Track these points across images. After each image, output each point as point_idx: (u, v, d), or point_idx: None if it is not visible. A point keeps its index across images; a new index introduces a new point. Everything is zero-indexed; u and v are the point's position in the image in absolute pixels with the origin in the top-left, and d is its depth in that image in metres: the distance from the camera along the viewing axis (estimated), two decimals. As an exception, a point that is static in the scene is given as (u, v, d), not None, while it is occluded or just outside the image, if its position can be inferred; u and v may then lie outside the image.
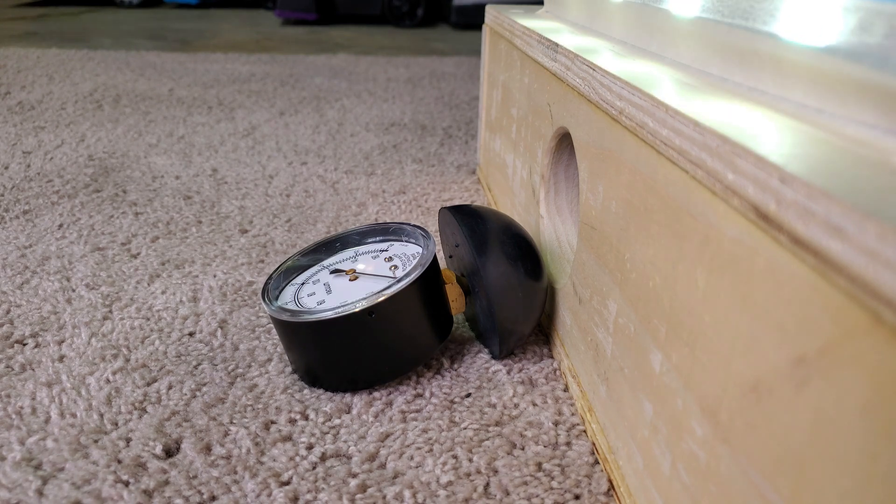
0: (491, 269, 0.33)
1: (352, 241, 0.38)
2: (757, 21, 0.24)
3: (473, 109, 0.89)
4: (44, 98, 0.87)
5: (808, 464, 0.15)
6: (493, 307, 0.33)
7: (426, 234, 0.36)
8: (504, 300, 0.33)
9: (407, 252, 0.37)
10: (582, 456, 0.29)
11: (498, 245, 0.34)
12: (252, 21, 1.93)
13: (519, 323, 0.34)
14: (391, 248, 0.37)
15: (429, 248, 0.35)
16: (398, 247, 0.37)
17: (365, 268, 0.36)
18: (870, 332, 0.13)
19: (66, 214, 0.52)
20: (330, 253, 0.38)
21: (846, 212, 0.13)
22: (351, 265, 0.36)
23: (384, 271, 0.35)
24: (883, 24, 0.19)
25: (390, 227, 0.38)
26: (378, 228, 0.38)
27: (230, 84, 1.00)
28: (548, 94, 0.38)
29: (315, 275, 0.36)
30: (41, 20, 1.77)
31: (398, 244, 0.37)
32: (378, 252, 0.37)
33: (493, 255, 0.33)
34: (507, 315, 0.33)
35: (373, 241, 0.38)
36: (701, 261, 0.20)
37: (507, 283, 0.33)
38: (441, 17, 1.98)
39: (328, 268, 0.37)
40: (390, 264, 0.36)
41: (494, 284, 0.33)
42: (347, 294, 0.34)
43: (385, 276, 0.35)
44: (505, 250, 0.33)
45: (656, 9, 0.33)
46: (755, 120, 0.20)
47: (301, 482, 0.27)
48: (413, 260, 0.36)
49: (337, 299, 0.34)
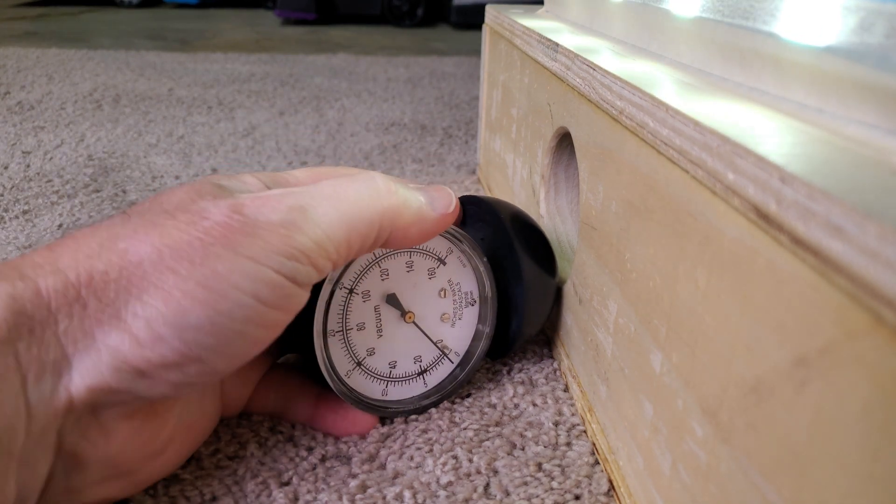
0: (527, 272, 0.31)
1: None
2: (757, 21, 0.24)
3: (473, 109, 0.89)
4: (43, 98, 0.87)
5: (809, 464, 0.15)
6: (522, 315, 0.32)
7: (485, 262, 0.31)
8: (533, 307, 0.32)
9: (462, 285, 0.31)
10: (582, 456, 0.29)
11: (529, 248, 0.32)
12: (252, 21, 1.93)
13: (535, 327, 0.33)
14: (447, 269, 0.31)
15: (490, 295, 0.31)
16: (452, 266, 0.31)
17: (419, 309, 0.30)
18: (870, 332, 0.13)
19: (65, 214, 0.52)
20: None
21: (847, 212, 0.13)
22: (405, 289, 0.30)
23: (436, 324, 0.31)
24: (884, 24, 0.19)
25: (455, 232, 0.30)
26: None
27: (230, 84, 1.00)
28: (548, 93, 0.38)
29: (370, 271, 0.29)
30: (41, 20, 1.77)
31: (454, 261, 0.31)
32: (433, 269, 0.30)
33: (527, 258, 0.32)
34: (533, 322, 0.33)
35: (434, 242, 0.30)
36: (701, 261, 0.20)
37: (539, 291, 0.32)
38: (441, 16, 1.98)
39: (383, 272, 0.29)
40: (442, 307, 0.31)
41: (528, 290, 0.31)
42: (400, 353, 0.30)
43: (437, 344, 0.31)
44: (535, 255, 0.32)
45: (656, 8, 0.33)
46: (755, 120, 0.20)
47: (301, 482, 0.27)
48: (467, 311, 0.31)
49: (387, 357, 0.30)
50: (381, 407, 0.30)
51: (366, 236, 0.24)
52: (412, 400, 0.31)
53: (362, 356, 0.30)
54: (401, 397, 0.31)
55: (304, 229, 0.22)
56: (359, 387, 0.30)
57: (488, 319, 0.32)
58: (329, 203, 0.24)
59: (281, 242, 0.22)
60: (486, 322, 0.32)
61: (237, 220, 0.22)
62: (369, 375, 0.30)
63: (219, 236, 0.21)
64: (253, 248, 0.21)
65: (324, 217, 0.23)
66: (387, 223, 0.25)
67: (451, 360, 0.32)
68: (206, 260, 0.21)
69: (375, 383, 0.30)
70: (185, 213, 0.22)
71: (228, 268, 0.21)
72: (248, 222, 0.22)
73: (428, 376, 0.31)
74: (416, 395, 0.31)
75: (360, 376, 0.30)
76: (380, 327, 0.30)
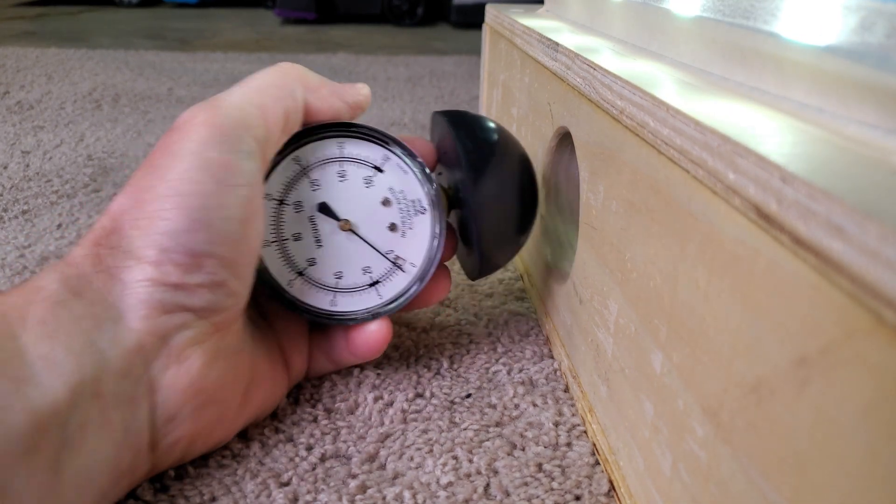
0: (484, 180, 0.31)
1: (336, 130, 0.31)
2: (758, 20, 0.24)
3: (473, 108, 0.89)
4: (43, 98, 0.87)
5: (810, 464, 0.15)
6: (479, 224, 0.31)
7: (422, 168, 0.31)
8: (491, 216, 0.31)
9: (407, 192, 0.31)
10: (582, 456, 0.29)
11: (494, 156, 0.31)
12: (252, 20, 1.93)
13: (503, 244, 0.33)
14: (386, 177, 0.31)
15: (436, 203, 0.31)
16: (392, 174, 0.31)
17: (359, 218, 0.31)
18: (871, 332, 0.13)
19: (64, 214, 0.52)
20: (315, 136, 0.30)
21: (847, 212, 0.13)
22: (340, 198, 0.30)
23: (381, 234, 0.31)
24: (884, 24, 0.19)
25: (388, 138, 0.31)
26: (372, 133, 0.31)
27: (230, 83, 1.00)
28: (548, 93, 0.38)
29: (299, 182, 0.30)
30: (40, 19, 1.77)
31: (392, 168, 0.31)
32: (370, 177, 0.31)
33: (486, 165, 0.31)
34: (493, 234, 0.32)
35: (364, 145, 0.31)
36: (702, 260, 0.20)
37: (499, 198, 0.31)
38: (441, 16, 1.98)
39: (313, 183, 0.30)
40: (388, 217, 0.31)
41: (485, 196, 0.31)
42: (344, 264, 0.31)
43: (383, 254, 0.31)
44: (501, 162, 0.31)
45: (657, 8, 0.33)
46: (756, 119, 0.20)
47: (301, 483, 0.27)
48: (417, 220, 0.31)
49: (330, 267, 0.30)
50: (329, 316, 0.31)
51: (280, 97, 0.28)
52: (366, 311, 0.31)
53: (303, 266, 0.31)
54: (352, 308, 0.31)
55: (223, 108, 0.26)
56: (303, 296, 0.31)
57: (438, 226, 0.31)
58: (238, 87, 0.28)
59: (209, 130, 0.25)
60: (436, 230, 0.31)
61: (171, 134, 0.26)
62: (313, 286, 0.31)
63: (160, 155, 0.25)
64: (187, 145, 0.25)
65: (235, 95, 0.27)
66: (297, 83, 0.29)
67: (406, 270, 0.31)
68: (163, 179, 0.25)
69: (322, 293, 0.31)
70: (141, 164, 0.26)
71: (179, 172, 0.24)
72: (177, 128, 0.26)
73: (382, 287, 0.31)
74: (370, 306, 0.31)
75: (304, 286, 0.31)
76: (318, 238, 0.31)
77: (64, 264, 0.24)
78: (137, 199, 0.25)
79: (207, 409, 0.26)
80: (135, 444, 0.24)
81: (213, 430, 0.27)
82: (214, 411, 0.26)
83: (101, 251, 0.24)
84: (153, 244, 0.24)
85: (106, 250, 0.24)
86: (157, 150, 0.26)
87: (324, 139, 0.30)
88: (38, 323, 0.22)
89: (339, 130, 0.30)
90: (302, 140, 0.30)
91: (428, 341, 0.37)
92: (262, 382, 0.29)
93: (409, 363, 0.35)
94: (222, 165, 0.25)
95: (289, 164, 0.30)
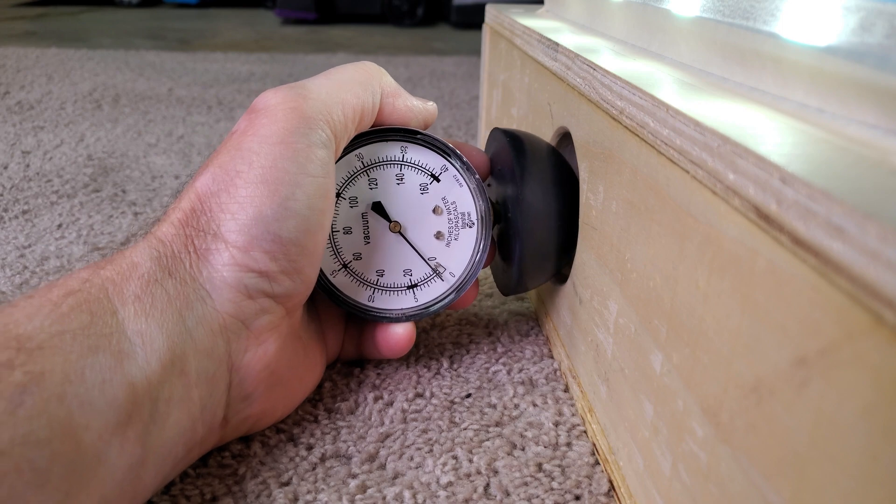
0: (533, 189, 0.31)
1: (401, 134, 0.31)
2: (758, 21, 0.24)
3: (473, 109, 0.89)
4: (43, 98, 0.87)
5: (809, 465, 0.15)
6: (523, 245, 0.31)
7: (478, 183, 0.31)
8: (535, 240, 0.31)
9: (459, 204, 0.31)
10: (582, 456, 0.29)
11: (548, 183, 0.31)
12: (252, 20, 1.93)
13: (542, 267, 0.33)
14: (441, 186, 0.31)
15: (485, 220, 0.31)
16: (447, 184, 0.31)
17: (409, 222, 0.31)
18: (871, 333, 0.13)
19: (65, 214, 0.52)
20: (380, 137, 0.31)
21: (847, 212, 0.13)
22: (394, 200, 0.31)
23: (427, 240, 0.32)
24: (884, 24, 0.19)
25: (449, 149, 0.31)
26: (435, 142, 0.31)
27: (230, 83, 1.00)
28: (548, 93, 0.38)
29: (358, 178, 0.31)
30: (40, 19, 1.77)
31: (448, 179, 0.31)
32: (426, 184, 0.31)
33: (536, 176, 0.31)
34: (535, 256, 0.32)
35: (425, 152, 0.31)
36: (702, 261, 0.20)
37: (546, 224, 0.31)
38: (441, 16, 1.98)
39: (371, 181, 0.31)
40: (437, 225, 0.31)
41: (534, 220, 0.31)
42: (388, 263, 0.31)
43: (426, 260, 0.31)
44: (554, 190, 0.32)
45: (657, 8, 0.33)
46: (756, 120, 0.20)
47: (301, 482, 0.27)
48: (464, 233, 0.31)
49: (374, 264, 0.31)
50: (365, 311, 0.32)
51: (360, 94, 0.29)
52: (401, 312, 0.32)
53: (348, 259, 0.32)
54: (388, 307, 0.32)
55: (309, 97, 0.27)
56: (345, 288, 0.32)
57: (482, 242, 0.32)
58: (321, 78, 0.29)
59: (296, 117, 0.26)
60: (480, 245, 0.32)
61: (257, 117, 0.26)
62: (356, 279, 0.32)
63: (247, 138, 0.26)
64: (275, 130, 0.26)
65: (320, 85, 0.28)
66: (377, 85, 0.30)
67: (445, 279, 0.32)
68: (251, 164, 0.25)
69: (362, 288, 0.32)
70: (224, 144, 0.27)
71: (268, 159, 0.25)
72: (263, 111, 0.26)
73: (419, 292, 0.32)
74: (405, 307, 0.32)
75: (346, 278, 0.32)
76: (367, 234, 0.32)
77: (157, 241, 0.25)
78: (226, 182, 0.25)
79: (276, 388, 0.27)
80: (209, 420, 0.25)
81: (276, 408, 0.28)
82: (281, 391, 0.28)
83: (190, 232, 0.25)
84: (242, 230, 0.25)
85: (195, 231, 0.25)
86: (243, 131, 0.26)
87: (388, 141, 0.31)
88: (135, 299, 0.23)
89: (403, 135, 0.31)
90: (367, 138, 0.31)
91: (428, 341, 0.37)
92: (311, 363, 0.30)
93: (409, 363, 0.35)
94: (307, 155, 0.26)
95: (351, 159, 0.31)
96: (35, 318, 0.20)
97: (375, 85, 0.30)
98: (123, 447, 0.21)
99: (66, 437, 0.19)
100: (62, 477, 0.19)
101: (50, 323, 0.21)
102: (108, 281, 0.23)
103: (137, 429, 0.21)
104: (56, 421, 0.19)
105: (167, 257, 0.24)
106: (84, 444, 0.19)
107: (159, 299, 0.23)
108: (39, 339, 0.20)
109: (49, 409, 0.19)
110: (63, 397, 0.19)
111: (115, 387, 0.21)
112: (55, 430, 0.19)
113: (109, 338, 0.21)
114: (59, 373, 0.20)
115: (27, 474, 0.18)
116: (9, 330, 0.20)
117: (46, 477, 0.18)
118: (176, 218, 0.25)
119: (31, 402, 0.19)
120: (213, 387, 0.25)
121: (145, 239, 0.25)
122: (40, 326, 0.20)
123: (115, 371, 0.21)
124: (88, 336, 0.21)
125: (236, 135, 0.26)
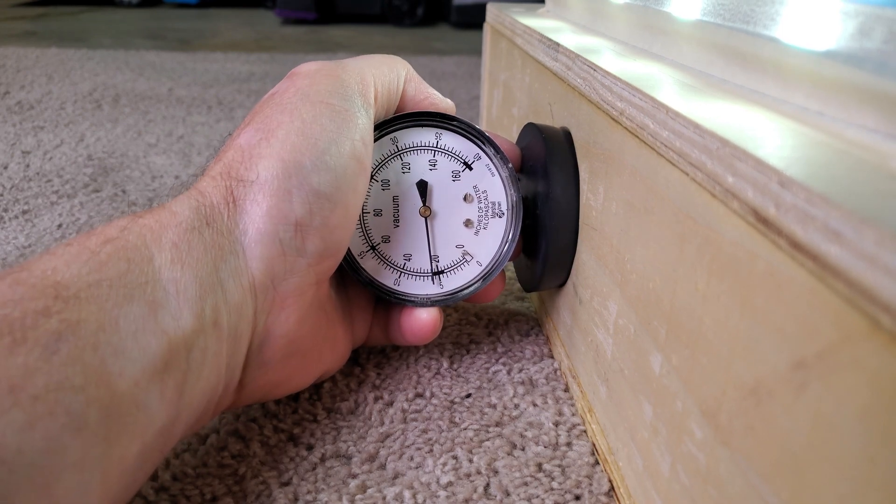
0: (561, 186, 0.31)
1: (437, 119, 0.31)
2: (758, 25, 0.24)
3: (474, 109, 0.89)
4: (43, 98, 0.87)
5: (807, 467, 0.15)
6: (550, 241, 0.31)
7: (511, 173, 0.31)
8: (562, 237, 0.32)
9: (490, 193, 0.32)
10: (582, 456, 0.29)
11: (579, 182, 0.32)
12: (252, 20, 1.93)
13: (567, 265, 0.33)
14: (473, 175, 0.32)
15: (516, 210, 0.31)
16: (479, 173, 0.32)
17: (439, 208, 0.32)
18: (868, 336, 0.13)
19: (65, 214, 0.52)
20: (415, 120, 0.31)
21: (845, 216, 0.13)
22: (427, 184, 0.31)
23: (456, 227, 0.32)
24: (882, 30, 0.19)
25: (484, 137, 0.31)
26: (470, 130, 0.31)
27: (230, 83, 1.00)
28: (549, 93, 0.38)
29: (392, 161, 0.31)
30: (40, 19, 1.77)
31: (480, 168, 0.32)
32: (458, 172, 0.32)
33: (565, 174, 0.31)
34: (561, 254, 0.32)
35: (460, 140, 0.31)
36: (701, 263, 0.20)
37: (574, 222, 0.32)
38: (441, 16, 1.98)
39: (404, 165, 0.31)
40: (466, 213, 0.32)
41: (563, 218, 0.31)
42: (416, 248, 0.32)
43: (460, 249, 0.32)
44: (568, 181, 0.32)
45: (658, 11, 0.33)
46: (756, 122, 0.20)
47: (301, 482, 0.27)
48: (494, 222, 0.32)
49: (402, 248, 0.31)
50: (390, 294, 0.32)
51: (386, 74, 0.30)
52: (426, 297, 0.32)
53: (377, 241, 0.32)
54: (413, 291, 0.32)
55: (346, 66, 0.28)
56: (371, 270, 0.32)
57: (511, 233, 0.32)
58: (351, 59, 0.30)
59: (336, 81, 0.27)
60: (509, 235, 0.32)
61: (298, 79, 0.28)
62: (383, 262, 0.32)
63: (289, 96, 0.27)
64: (317, 89, 0.27)
65: (354, 63, 0.29)
66: (402, 70, 0.31)
67: (471, 267, 0.32)
68: (293, 118, 0.26)
69: (388, 271, 0.32)
70: (264, 103, 0.28)
71: (310, 114, 0.26)
72: (303, 74, 0.28)
73: (445, 278, 0.32)
74: (430, 293, 0.32)
75: (374, 260, 0.32)
76: (396, 218, 0.32)
77: (197, 192, 0.25)
78: (267, 132, 0.26)
79: (293, 359, 0.27)
80: (229, 381, 0.25)
81: (291, 380, 0.28)
82: (298, 362, 0.28)
83: (230, 183, 0.25)
84: (281, 176, 0.25)
85: (234, 181, 0.25)
86: (284, 90, 0.27)
87: (423, 126, 0.31)
88: (172, 246, 0.23)
89: (439, 120, 0.31)
90: (402, 122, 0.31)
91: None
92: (334, 342, 0.31)
93: (409, 363, 0.35)
94: (347, 115, 0.27)
95: (386, 142, 0.31)
96: (73, 266, 0.21)
97: (400, 68, 0.31)
98: (164, 395, 0.21)
99: (101, 384, 0.19)
100: (99, 422, 0.19)
101: (88, 271, 0.21)
102: (146, 228, 0.23)
103: (177, 377, 0.21)
104: (90, 368, 0.19)
105: (206, 207, 0.24)
106: (119, 391, 0.20)
107: (196, 248, 0.23)
108: (76, 287, 0.20)
109: (84, 357, 0.19)
110: (97, 346, 0.19)
111: (147, 335, 0.21)
112: (90, 377, 0.19)
113: (144, 287, 0.21)
114: (94, 322, 0.20)
115: (62, 418, 0.18)
116: (47, 277, 0.20)
117: (83, 421, 0.18)
118: (217, 171, 0.26)
119: (66, 349, 0.19)
120: (239, 345, 0.25)
121: (186, 192, 0.25)
122: (78, 274, 0.20)
123: (148, 320, 0.21)
124: (124, 285, 0.21)
125: (278, 94, 0.27)
